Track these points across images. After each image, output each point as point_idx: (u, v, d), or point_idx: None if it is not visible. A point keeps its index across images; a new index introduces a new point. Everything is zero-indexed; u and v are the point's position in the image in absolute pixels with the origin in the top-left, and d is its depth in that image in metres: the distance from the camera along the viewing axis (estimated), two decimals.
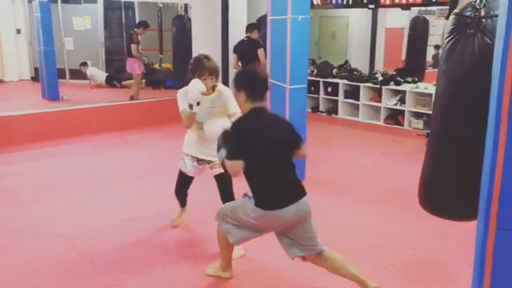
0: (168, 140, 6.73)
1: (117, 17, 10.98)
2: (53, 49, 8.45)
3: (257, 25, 7.17)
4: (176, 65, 9.02)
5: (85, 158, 5.92)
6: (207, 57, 3.35)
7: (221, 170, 3.08)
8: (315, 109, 8.73)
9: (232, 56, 6.86)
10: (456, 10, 2.42)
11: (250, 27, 7.10)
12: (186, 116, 3.31)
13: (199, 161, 3.50)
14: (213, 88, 3.39)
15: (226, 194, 3.37)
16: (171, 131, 7.25)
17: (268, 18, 4.85)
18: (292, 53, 4.67)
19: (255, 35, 6.95)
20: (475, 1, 2.37)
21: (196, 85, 3.20)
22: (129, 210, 4.25)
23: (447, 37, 2.40)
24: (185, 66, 8.86)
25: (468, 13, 2.35)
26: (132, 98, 8.23)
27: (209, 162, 3.45)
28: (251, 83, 2.71)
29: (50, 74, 8.47)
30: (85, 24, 10.40)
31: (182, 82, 8.84)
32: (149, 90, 9.34)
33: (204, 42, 8.13)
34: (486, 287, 1.96)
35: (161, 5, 9.24)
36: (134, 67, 8.34)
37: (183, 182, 3.68)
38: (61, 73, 9.40)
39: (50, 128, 6.62)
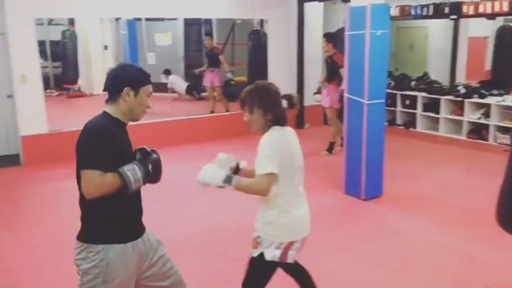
0: (245, 152, 6.87)
1: (196, 33, 11.41)
2: (138, 64, 8.95)
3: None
4: (251, 78, 9.22)
5: (166, 169, 6.17)
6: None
7: None
8: (392, 122, 8.52)
9: None
10: None
11: None
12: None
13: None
14: None
15: None
16: (247, 142, 7.41)
17: (346, 33, 4.82)
18: (371, 68, 4.62)
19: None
20: None
21: None
22: (209, 221, 4.39)
23: None
24: (258, 78, 9.09)
25: None
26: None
27: None
28: None
29: None
30: (167, 39, 10.91)
31: None
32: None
33: (280, 56, 8.26)
34: None
35: (239, 21, 9.48)
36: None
37: (267, 279, 2.48)
38: None
39: (134, 141, 6.99)
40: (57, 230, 4.20)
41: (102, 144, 2.03)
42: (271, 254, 2.33)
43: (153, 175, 2.16)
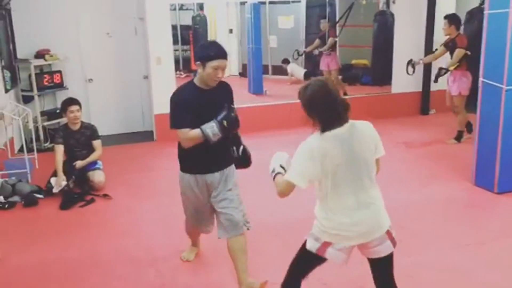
0: None
1: (317, 15, 11.29)
2: (260, 47, 9.17)
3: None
4: (375, 61, 8.94)
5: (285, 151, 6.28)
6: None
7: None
8: None
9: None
10: None
11: None
12: None
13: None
14: None
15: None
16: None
17: (485, 12, 4.44)
18: None
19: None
20: None
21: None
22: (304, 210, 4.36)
23: None
24: (384, 63, 8.71)
25: None
26: None
27: None
28: None
29: (256, 70, 9.21)
30: (289, 22, 10.97)
31: (380, 78, 8.87)
32: (345, 87, 9.43)
33: (407, 38, 7.89)
34: None
35: (364, 2, 9.22)
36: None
37: (307, 265, 2.47)
38: (264, 69, 10.14)
39: (254, 121, 7.20)
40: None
41: (181, 110, 2.88)
42: (310, 244, 2.33)
43: (228, 129, 2.86)
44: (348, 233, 2.23)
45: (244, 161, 3.16)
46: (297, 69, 10.71)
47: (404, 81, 7.87)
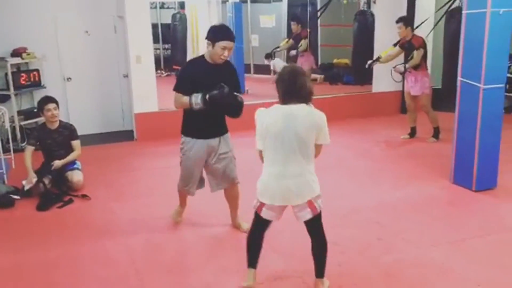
0: (347, 136, 6.75)
1: (299, 14, 11.30)
2: (242, 46, 9.15)
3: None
4: (355, 61, 8.98)
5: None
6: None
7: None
8: (509, 109, 7.84)
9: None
10: None
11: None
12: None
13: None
14: None
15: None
16: (350, 127, 7.26)
17: (464, 12, 4.49)
18: (489, 50, 4.27)
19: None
20: None
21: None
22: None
23: None
24: (364, 62, 8.81)
25: None
26: None
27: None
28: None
29: (238, 69, 9.15)
30: (270, 21, 10.96)
31: (361, 78, 8.94)
32: (326, 86, 9.46)
33: (388, 38, 7.91)
34: None
35: (345, 1, 9.28)
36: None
37: (255, 223, 2.99)
38: (246, 68, 10.12)
39: (236, 120, 7.16)
40: (164, 204, 4.44)
41: (183, 77, 3.49)
42: (254, 203, 2.85)
43: (209, 103, 3.29)
44: (271, 195, 2.72)
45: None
46: (279, 64, 10.69)
47: (384, 81, 7.92)
